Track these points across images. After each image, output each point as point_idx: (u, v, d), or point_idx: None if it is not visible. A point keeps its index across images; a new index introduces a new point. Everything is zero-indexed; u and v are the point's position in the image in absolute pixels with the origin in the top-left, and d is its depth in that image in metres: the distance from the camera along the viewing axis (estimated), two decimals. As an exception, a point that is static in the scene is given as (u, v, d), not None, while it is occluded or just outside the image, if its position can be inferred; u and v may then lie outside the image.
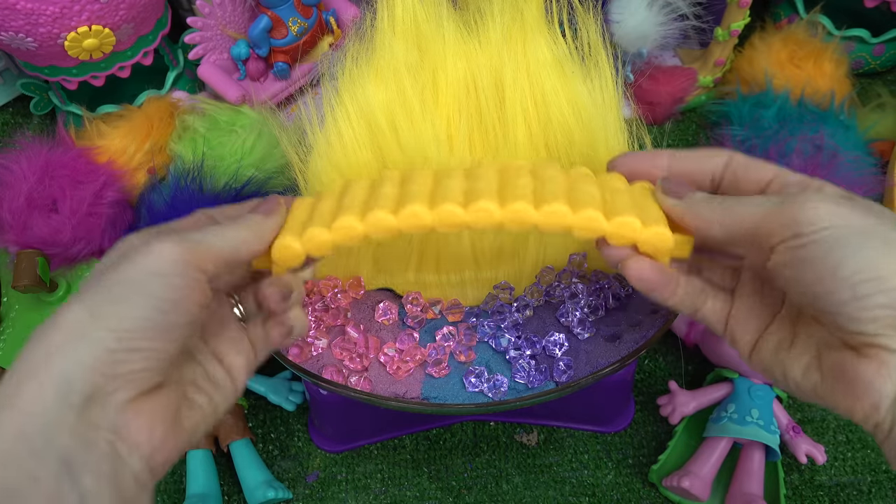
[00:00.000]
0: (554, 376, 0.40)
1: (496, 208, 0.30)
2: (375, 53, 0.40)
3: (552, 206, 0.30)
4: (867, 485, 0.51)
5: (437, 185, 0.32)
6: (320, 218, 0.32)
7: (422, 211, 0.30)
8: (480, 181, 0.32)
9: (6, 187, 0.55)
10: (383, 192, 0.32)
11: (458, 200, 0.31)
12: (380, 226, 0.31)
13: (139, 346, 0.26)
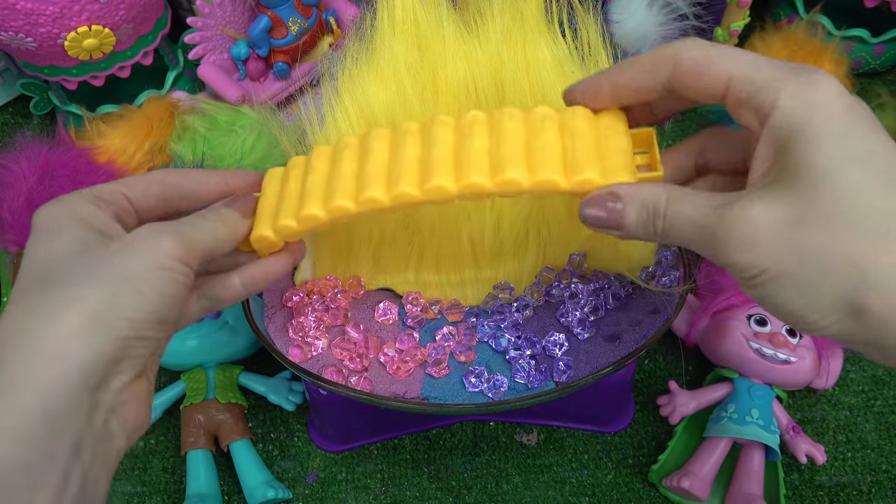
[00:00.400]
0: (554, 376, 0.40)
1: (451, 184, 0.31)
2: (375, 53, 0.40)
3: (507, 175, 0.30)
4: (867, 485, 0.51)
5: (394, 156, 0.32)
6: (288, 205, 0.33)
7: (379, 196, 0.31)
8: (435, 147, 0.32)
9: (6, 187, 0.55)
10: (342, 171, 0.33)
11: (412, 178, 0.31)
12: (341, 213, 0.32)
13: (146, 335, 0.28)
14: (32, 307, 0.27)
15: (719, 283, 0.52)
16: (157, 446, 0.54)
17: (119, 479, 0.53)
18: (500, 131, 0.32)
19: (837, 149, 0.25)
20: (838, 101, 0.25)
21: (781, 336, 0.49)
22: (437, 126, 0.33)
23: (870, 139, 0.25)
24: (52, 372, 0.26)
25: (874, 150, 0.25)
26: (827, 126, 0.25)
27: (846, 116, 0.25)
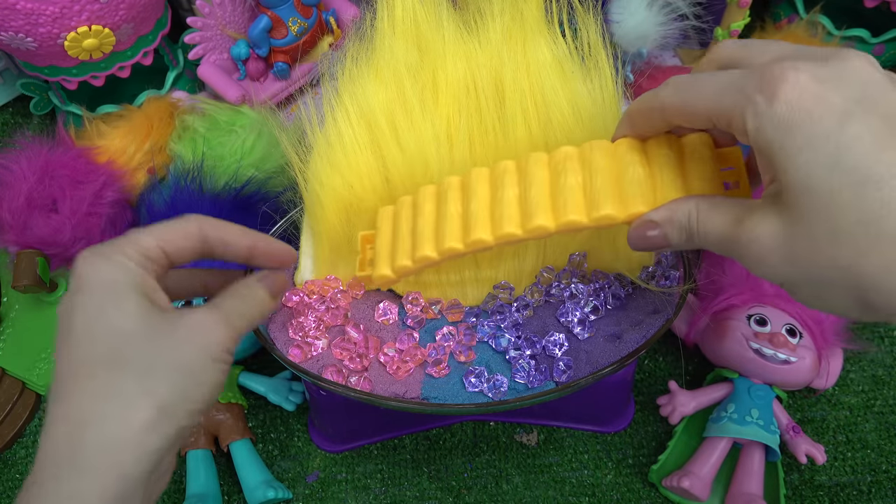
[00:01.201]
0: (554, 376, 0.40)
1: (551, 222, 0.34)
2: (375, 53, 0.40)
3: (602, 212, 0.33)
4: (867, 485, 0.51)
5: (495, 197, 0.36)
6: (402, 246, 0.38)
7: (485, 237, 0.35)
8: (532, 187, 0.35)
9: (6, 187, 0.55)
10: (449, 213, 0.37)
11: (515, 220, 0.35)
12: (451, 254, 0.37)
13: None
14: (107, 393, 0.29)
15: (719, 283, 0.52)
16: (157, 446, 0.54)
17: (119, 479, 0.53)
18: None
19: (804, 161, 0.25)
20: (801, 105, 0.25)
21: (781, 336, 0.49)
22: (532, 165, 0.35)
23: (842, 135, 0.24)
24: (130, 459, 0.28)
25: (843, 148, 0.24)
26: (790, 142, 0.25)
27: (809, 122, 0.25)
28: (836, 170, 0.24)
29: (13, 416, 0.55)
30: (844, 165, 0.24)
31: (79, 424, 0.28)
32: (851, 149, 0.24)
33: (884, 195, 0.23)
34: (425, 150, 0.40)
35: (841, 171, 0.24)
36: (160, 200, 0.57)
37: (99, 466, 0.28)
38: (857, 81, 0.25)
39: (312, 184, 0.41)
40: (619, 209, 0.32)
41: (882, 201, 0.23)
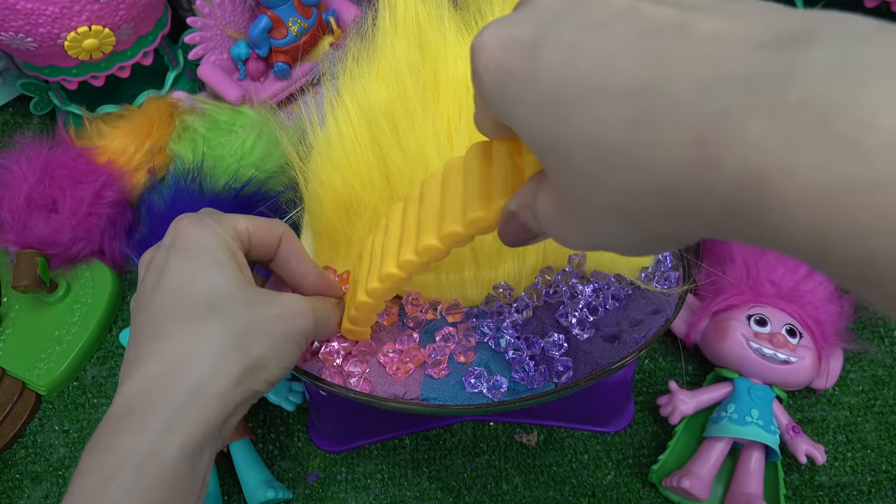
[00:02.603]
0: (553, 377, 0.40)
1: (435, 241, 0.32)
2: (377, 52, 0.40)
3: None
4: (867, 485, 0.51)
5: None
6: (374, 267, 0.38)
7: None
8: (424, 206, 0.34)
9: (6, 187, 0.55)
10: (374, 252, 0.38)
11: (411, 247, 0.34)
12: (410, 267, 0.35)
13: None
14: (203, 339, 0.31)
15: (719, 283, 0.52)
16: (157, 446, 0.54)
17: (119, 479, 0.54)
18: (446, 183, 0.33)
19: (523, 120, 0.22)
20: (494, 65, 0.22)
21: (781, 336, 0.49)
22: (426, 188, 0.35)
23: (535, 75, 0.21)
24: (215, 407, 0.30)
25: (543, 84, 0.21)
26: (506, 105, 0.22)
27: (506, 73, 0.22)
28: (547, 109, 0.20)
29: (13, 416, 0.55)
30: (551, 100, 0.20)
31: (175, 365, 0.30)
32: (550, 78, 0.20)
33: (590, 110, 0.19)
34: (426, 149, 0.40)
35: (551, 108, 0.20)
36: (160, 200, 0.57)
37: (190, 408, 0.30)
38: (550, 6, 0.21)
39: (313, 182, 0.41)
40: (486, 208, 0.29)
41: (592, 118, 0.19)
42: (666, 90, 0.18)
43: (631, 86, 0.19)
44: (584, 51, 0.20)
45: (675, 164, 0.18)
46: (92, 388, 0.57)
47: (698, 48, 0.18)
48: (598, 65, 0.19)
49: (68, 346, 0.57)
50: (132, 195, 0.61)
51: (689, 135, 0.17)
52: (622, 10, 0.20)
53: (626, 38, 0.19)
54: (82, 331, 0.58)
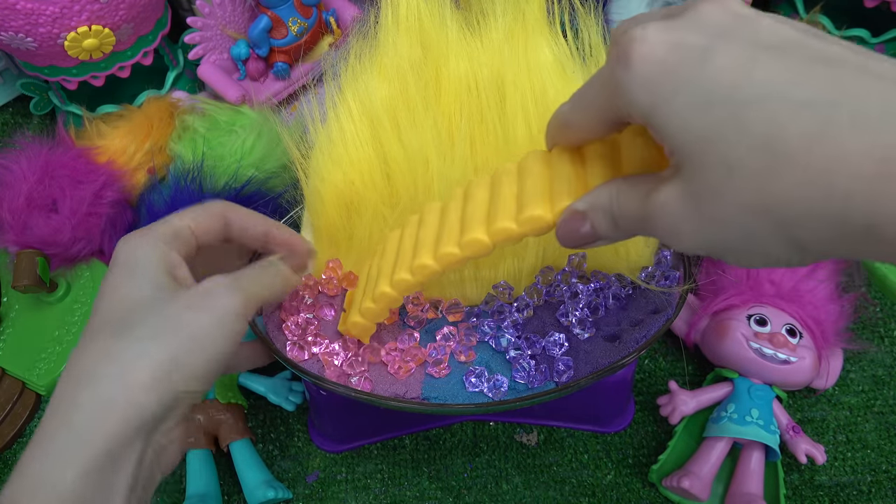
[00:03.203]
0: (554, 376, 0.40)
1: (483, 235, 0.33)
2: (379, 49, 0.40)
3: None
4: (867, 485, 0.51)
5: (441, 222, 0.36)
6: (369, 289, 0.39)
7: (429, 262, 0.35)
8: (470, 204, 0.35)
9: (6, 187, 0.55)
10: (403, 248, 0.37)
11: (454, 238, 0.34)
12: (403, 287, 0.37)
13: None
14: (107, 352, 0.30)
15: (719, 283, 0.52)
16: (157, 446, 0.54)
17: (119, 479, 0.53)
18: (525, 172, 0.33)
19: (677, 111, 0.23)
20: (654, 61, 0.23)
21: (781, 336, 0.49)
22: (473, 188, 0.35)
23: (704, 74, 0.22)
24: (119, 417, 0.29)
25: (711, 83, 0.22)
26: (659, 96, 0.23)
27: (668, 71, 0.23)
28: (711, 106, 0.22)
29: (13, 416, 0.55)
30: (717, 99, 0.22)
31: (76, 383, 0.30)
32: (720, 80, 0.22)
33: (767, 113, 0.21)
34: (426, 147, 0.40)
35: (716, 106, 0.22)
36: (160, 200, 0.57)
37: (88, 424, 0.29)
38: (713, 20, 0.23)
39: (314, 179, 0.41)
40: (546, 208, 0.30)
41: (767, 120, 0.21)
42: (854, 109, 0.20)
43: (816, 98, 0.21)
44: (759, 62, 0.22)
45: (853, 176, 0.20)
46: (92, 388, 0.57)
47: (877, 82, 0.21)
48: (777, 75, 0.21)
49: (68, 346, 0.57)
50: (132, 195, 0.61)
51: (876, 153, 0.20)
52: (793, 39, 0.22)
53: (804, 60, 0.22)
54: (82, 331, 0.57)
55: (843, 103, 0.21)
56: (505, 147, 0.41)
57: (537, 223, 0.30)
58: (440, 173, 0.40)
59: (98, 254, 0.59)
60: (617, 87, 0.24)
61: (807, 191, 0.21)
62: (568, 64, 0.40)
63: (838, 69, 0.21)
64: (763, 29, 0.23)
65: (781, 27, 0.23)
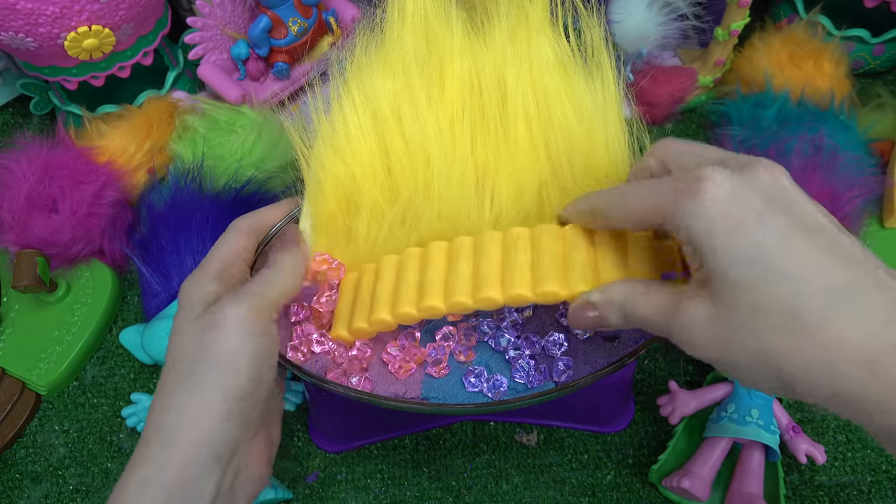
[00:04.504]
0: (553, 376, 0.40)
1: (498, 295, 0.36)
2: (385, 43, 0.41)
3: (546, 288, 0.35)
4: (867, 485, 0.51)
5: (451, 268, 0.38)
6: (361, 307, 0.39)
7: (438, 304, 0.37)
8: (484, 260, 0.37)
9: (6, 187, 0.55)
10: (406, 280, 0.38)
11: (466, 289, 0.37)
12: (405, 319, 0.38)
13: (249, 399, 0.33)
14: (169, 399, 0.33)
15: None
16: (157, 446, 0.54)
17: (119, 479, 0.53)
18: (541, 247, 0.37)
19: (726, 256, 0.27)
20: (724, 205, 0.28)
21: (781, 336, 0.49)
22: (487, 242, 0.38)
23: (760, 233, 0.27)
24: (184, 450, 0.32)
25: (764, 245, 0.27)
26: (715, 237, 0.27)
27: (731, 219, 0.27)
28: (754, 264, 0.27)
29: (13, 416, 0.55)
30: (760, 260, 0.27)
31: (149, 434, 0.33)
32: (766, 246, 0.27)
33: (796, 288, 0.26)
34: (428, 143, 0.40)
35: (758, 266, 0.27)
36: (160, 200, 0.57)
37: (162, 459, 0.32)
38: (768, 188, 0.28)
39: (315, 169, 0.41)
40: (561, 286, 0.35)
41: (795, 293, 0.26)
42: (860, 309, 0.25)
43: (835, 287, 0.26)
44: (798, 242, 0.27)
45: (849, 361, 0.25)
46: (92, 388, 0.57)
47: (882, 291, 0.26)
48: (809, 259, 0.26)
49: (68, 346, 0.57)
50: (132, 195, 0.61)
51: (869, 350, 0.25)
52: (826, 228, 0.27)
53: (833, 251, 0.27)
54: (82, 331, 0.58)
55: (854, 299, 0.26)
56: (505, 147, 0.41)
57: (551, 297, 0.35)
58: (440, 171, 0.40)
59: (98, 254, 0.59)
60: (676, 209, 0.29)
61: (811, 355, 0.26)
62: (569, 64, 0.40)
63: (857, 269, 0.26)
64: (807, 212, 0.28)
65: (819, 215, 0.28)
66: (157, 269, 0.55)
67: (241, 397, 0.33)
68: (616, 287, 0.33)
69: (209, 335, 0.33)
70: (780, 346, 0.26)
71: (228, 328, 0.33)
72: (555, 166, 0.41)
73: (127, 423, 0.54)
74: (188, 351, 0.34)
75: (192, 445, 0.32)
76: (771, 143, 0.56)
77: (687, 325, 0.29)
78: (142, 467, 0.32)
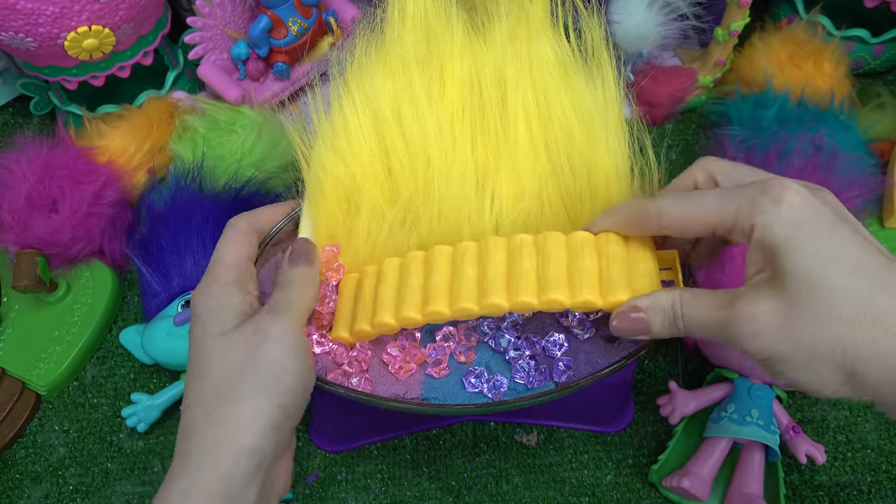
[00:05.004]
0: (553, 377, 0.40)
1: (504, 301, 0.36)
2: (385, 44, 0.41)
3: (552, 296, 0.35)
4: (867, 485, 0.51)
5: (455, 273, 0.38)
6: (364, 310, 0.39)
7: (443, 309, 0.37)
8: (490, 266, 0.37)
9: (6, 187, 0.55)
10: (410, 284, 0.38)
11: (473, 296, 0.37)
12: (409, 323, 0.38)
13: (293, 412, 0.35)
14: (209, 412, 0.34)
15: (719, 282, 0.52)
16: (156, 446, 0.54)
17: (119, 480, 0.53)
18: (546, 254, 0.37)
19: (809, 255, 0.30)
20: (802, 210, 0.30)
21: (781, 336, 0.49)
22: (491, 247, 0.38)
23: (834, 237, 0.30)
24: (222, 458, 0.32)
25: (839, 247, 0.30)
26: (796, 237, 0.30)
27: (811, 223, 0.30)
28: (833, 262, 0.29)
29: (13, 416, 0.55)
30: (839, 260, 0.30)
31: (186, 437, 0.34)
32: (842, 249, 0.30)
33: (870, 287, 0.29)
34: (428, 143, 0.40)
35: (836, 264, 0.29)
36: (160, 201, 0.57)
37: (202, 468, 0.33)
38: (833, 204, 0.32)
39: (315, 169, 0.41)
40: (567, 295, 0.35)
41: (869, 289, 0.29)
42: None
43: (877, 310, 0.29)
44: (867, 249, 0.30)
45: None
46: (92, 388, 0.57)
47: None
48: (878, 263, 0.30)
49: (68, 346, 0.57)
50: (132, 195, 0.61)
51: None
52: (871, 238, 0.31)
53: (882, 255, 0.30)
54: (82, 331, 0.58)
55: None
56: (505, 147, 0.41)
57: (557, 305, 0.36)
58: (440, 171, 0.40)
59: (98, 254, 0.59)
60: (753, 211, 0.31)
61: (881, 351, 0.29)
62: (570, 64, 0.40)
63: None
64: (861, 227, 0.32)
65: (867, 232, 0.32)
66: (157, 269, 0.55)
67: (287, 407, 0.34)
68: (663, 293, 0.34)
69: (255, 349, 0.34)
70: (850, 337, 0.29)
71: (272, 342, 0.34)
72: (555, 166, 0.41)
73: (127, 423, 0.54)
74: (231, 365, 0.34)
75: (236, 454, 0.32)
76: (771, 143, 0.56)
77: (752, 318, 0.30)
78: (182, 478, 0.33)
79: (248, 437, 0.33)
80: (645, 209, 0.35)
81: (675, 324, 0.34)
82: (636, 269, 0.36)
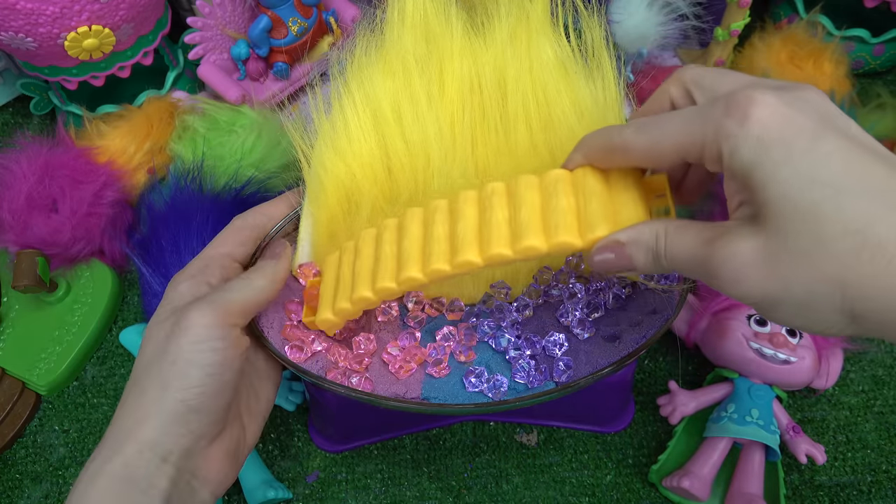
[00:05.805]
0: (554, 376, 0.40)
1: (476, 257, 0.34)
2: (385, 43, 0.41)
3: (524, 243, 0.32)
4: (867, 485, 0.51)
5: (427, 235, 0.36)
6: (343, 287, 0.38)
7: (416, 274, 0.35)
8: (460, 222, 0.35)
9: (6, 187, 0.55)
10: (385, 253, 0.37)
11: (444, 256, 0.35)
12: (385, 294, 0.37)
13: (201, 407, 0.34)
14: (124, 400, 0.34)
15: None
16: (157, 446, 0.54)
17: (119, 479, 0.53)
18: (518, 199, 0.34)
19: (784, 177, 0.25)
20: (771, 127, 0.25)
21: (781, 336, 0.49)
22: (461, 201, 0.36)
23: (815, 151, 0.25)
24: (126, 449, 0.33)
25: (822, 162, 0.25)
26: (768, 157, 0.25)
27: (784, 140, 0.25)
28: (815, 183, 0.25)
29: (13, 416, 0.55)
30: (822, 179, 0.25)
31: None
32: (826, 164, 0.25)
33: (869, 210, 0.24)
34: (428, 143, 0.40)
35: (820, 185, 0.25)
36: (160, 200, 0.57)
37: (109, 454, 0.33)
38: (815, 107, 0.26)
39: (316, 168, 0.41)
40: (541, 240, 0.32)
41: (866, 212, 0.24)
42: None
43: None
44: (858, 157, 0.25)
45: None
46: (92, 388, 0.57)
47: None
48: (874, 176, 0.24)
49: (68, 346, 0.57)
50: (132, 195, 0.61)
51: None
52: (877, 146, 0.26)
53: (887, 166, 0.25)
54: (82, 331, 0.58)
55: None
56: (506, 147, 0.41)
57: (533, 252, 0.32)
58: (440, 170, 0.40)
59: (98, 254, 0.59)
60: (718, 135, 0.26)
61: (886, 278, 0.24)
62: (570, 64, 0.40)
63: None
64: (859, 131, 0.26)
65: (866, 134, 0.26)
66: (157, 269, 0.55)
67: (192, 402, 0.33)
68: (646, 226, 0.30)
69: (170, 340, 0.34)
70: (849, 274, 0.24)
71: (189, 335, 0.34)
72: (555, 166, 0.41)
73: (127, 423, 0.53)
74: (149, 353, 0.35)
75: (139, 444, 0.33)
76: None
77: (732, 257, 0.27)
78: (96, 461, 0.33)
79: (147, 430, 0.33)
80: (610, 142, 0.31)
81: (658, 260, 0.30)
82: (619, 200, 0.32)
